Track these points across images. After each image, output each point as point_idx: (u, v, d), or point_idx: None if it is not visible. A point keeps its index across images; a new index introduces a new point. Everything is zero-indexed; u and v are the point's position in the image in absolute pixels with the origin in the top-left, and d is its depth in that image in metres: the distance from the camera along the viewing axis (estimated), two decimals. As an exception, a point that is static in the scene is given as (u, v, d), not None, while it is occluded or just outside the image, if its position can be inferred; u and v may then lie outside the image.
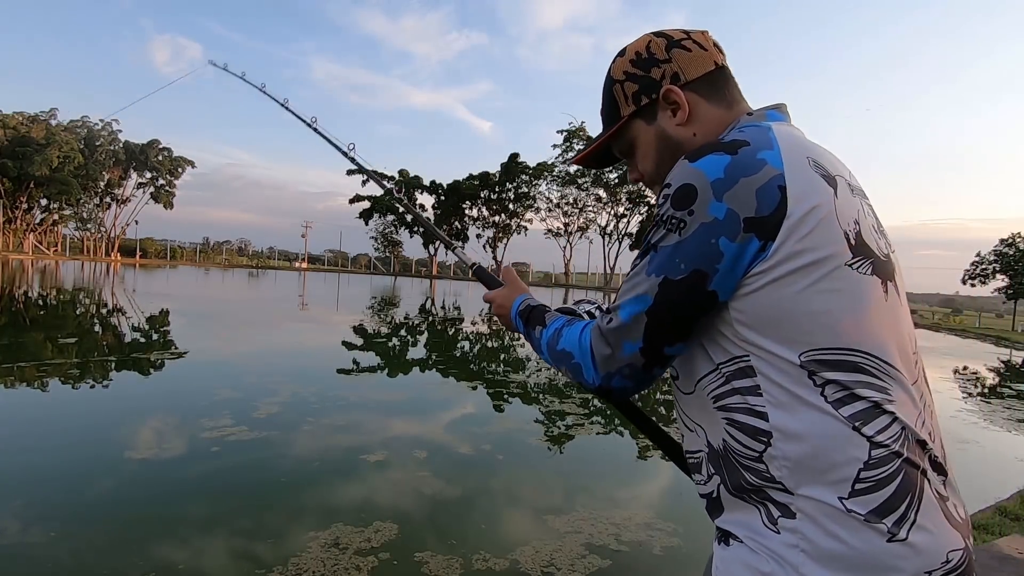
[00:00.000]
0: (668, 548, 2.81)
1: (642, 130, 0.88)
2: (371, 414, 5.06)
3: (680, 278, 0.69)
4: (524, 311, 0.99)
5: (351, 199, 54.13)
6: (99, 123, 51.85)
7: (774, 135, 0.74)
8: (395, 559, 2.51)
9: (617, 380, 0.75)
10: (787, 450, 0.67)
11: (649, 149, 0.89)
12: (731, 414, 0.72)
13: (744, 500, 0.73)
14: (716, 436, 0.75)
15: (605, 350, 0.74)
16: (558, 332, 0.85)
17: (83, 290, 17.81)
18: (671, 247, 0.70)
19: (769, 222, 0.67)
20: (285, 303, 18.15)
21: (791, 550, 0.66)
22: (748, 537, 0.72)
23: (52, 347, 7.26)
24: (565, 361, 0.82)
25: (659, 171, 0.88)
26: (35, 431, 4.07)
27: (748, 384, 0.70)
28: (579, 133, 44.35)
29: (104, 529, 2.69)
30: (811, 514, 0.66)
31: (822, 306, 0.67)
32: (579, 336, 0.79)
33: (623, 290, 0.76)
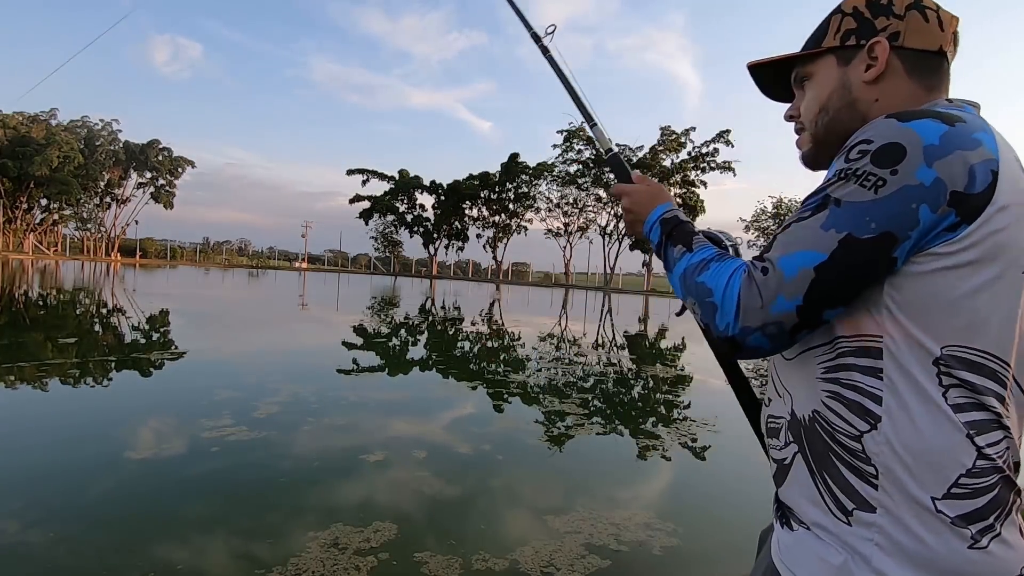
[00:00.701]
0: (668, 548, 2.81)
1: (829, 69, 0.84)
2: (371, 414, 5.06)
3: (867, 237, 0.65)
4: (670, 220, 0.88)
5: (351, 199, 54.16)
6: (99, 123, 51.93)
7: (986, 123, 0.71)
8: (394, 559, 2.51)
9: (756, 337, 0.69)
10: (893, 439, 0.66)
11: (823, 91, 0.84)
12: (837, 388, 0.70)
13: (816, 478, 0.71)
14: (806, 406, 0.73)
15: (755, 301, 0.68)
16: (705, 263, 0.77)
17: (83, 290, 17.81)
18: (863, 204, 0.65)
19: (974, 202, 0.64)
20: (285, 303, 18.15)
21: (864, 543, 0.66)
22: (814, 524, 0.71)
23: (52, 347, 7.26)
24: (699, 295, 0.75)
25: (820, 119, 0.85)
26: (35, 431, 4.07)
27: (868, 364, 0.68)
28: (579, 133, 44.32)
29: (103, 529, 2.69)
30: (894, 510, 0.65)
31: (986, 306, 0.65)
32: (728, 277, 0.72)
33: (784, 240, 0.69)
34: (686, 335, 13.29)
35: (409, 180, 53.70)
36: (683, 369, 9.27)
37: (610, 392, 6.93)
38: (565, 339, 12.18)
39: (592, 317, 19.95)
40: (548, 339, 11.92)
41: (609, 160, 1.14)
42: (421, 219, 54.91)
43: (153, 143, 53.73)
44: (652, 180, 1.00)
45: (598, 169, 44.41)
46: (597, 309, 24.25)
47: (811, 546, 0.71)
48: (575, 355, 9.77)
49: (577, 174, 45.43)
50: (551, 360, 8.92)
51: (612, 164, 1.12)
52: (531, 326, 14.54)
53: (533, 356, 9.11)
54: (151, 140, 53.76)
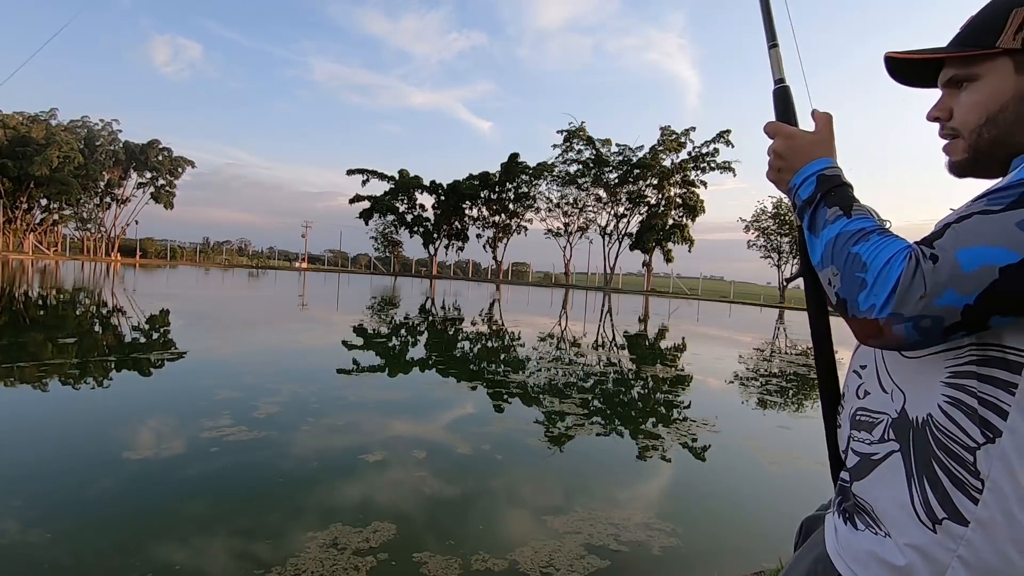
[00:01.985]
0: (667, 548, 2.81)
1: (1003, 74, 0.73)
2: (371, 414, 5.06)
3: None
4: (832, 178, 0.78)
5: (351, 199, 54.08)
6: (99, 123, 51.86)
7: None
8: (394, 559, 2.51)
9: (904, 327, 0.63)
10: (1012, 455, 0.63)
11: (993, 101, 0.74)
12: (962, 395, 0.66)
13: (916, 483, 0.68)
14: (920, 408, 0.70)
15: (918, 289, 0.62)
16: (865, 233, 0.69)
17: (83, 290, 17.81)
18: None
19: None
20: (285, 303, 18.15)
21: (946, 552, 0.64)
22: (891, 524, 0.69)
23: (52, 347, 7.26)
24: (848, 267, 0.68)
25: (985, 130, 0.75)
26: (35, 431, 4.07)
27: (1002, 376, 0.64)
28: (579, 133, 44.32)
29: (103, 529, 2.69)
30: (990, 526, 0.63)
31: None
32: (891, 256, 0.65)
33: (964, 230, 0.63)
34: (686, 335, 13.28)
35: (409, 180, 53.67)
36: (683, 369, 9.27)
37: (610, 392, 6.93)
38: (565, 339, 12.18)
39: (592, 317, 19.94)
40: (548, 339, 11.91)
41: (775, 92, 0.97)
42: (421, 219, 54.89)
43: (153, 143, 53.69)
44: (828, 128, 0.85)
45: (598, 169, 44.39)
46: (597, 309, 24.25)
47: (875, 548, 0.70)
48: (575, 355, 9.77)
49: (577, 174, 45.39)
50: (551, 360, 8.91)
51: (776, 97, 0.96)
52: (531, 326, 14.54)
53: (533, 356, 9.11)
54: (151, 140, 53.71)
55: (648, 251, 44.03)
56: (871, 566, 0.70)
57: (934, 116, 0.82)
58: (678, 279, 49.33)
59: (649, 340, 13.79)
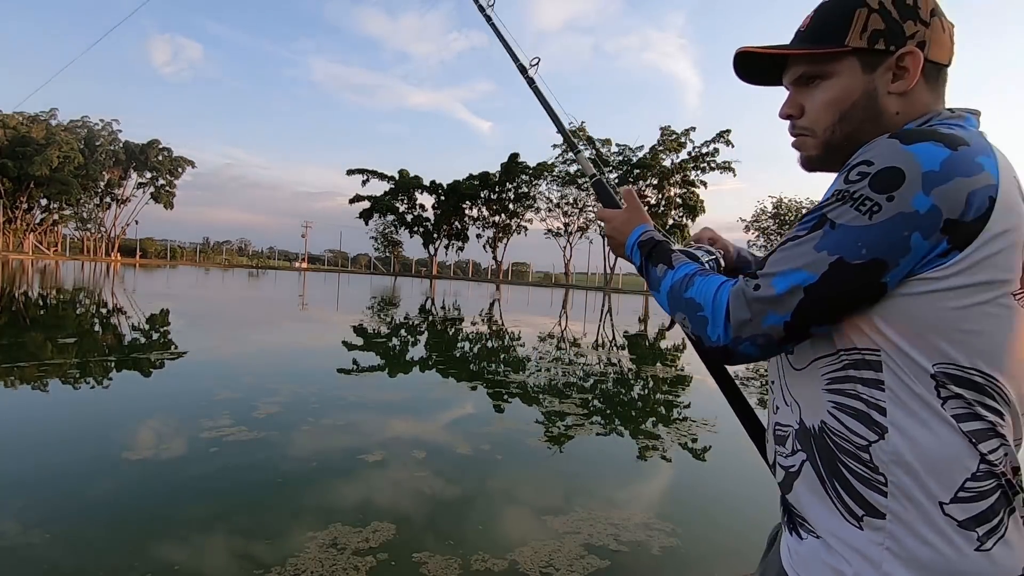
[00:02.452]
0: (667, 548, 2.81)
1: (852, 74, 0.76)
2: (370, 414, 5.06)
3: (857, 263, 0.66)
4: (647, 242, 0.92)
5: (351, 199, 54.14)
6: (99, 123, 51.94)
7: (990, 143, 0.70)
8: (393, 559, 2.51)
9: (747, 345, 0.72)
10: (901, 448, 0.67)
11: (844, 99, 0.77)
12: (842, 399, 0.71)
13: (827, 486, 0.72)
14: (813, 416, 0.75)
15: (744, 315, 0.71)
16: (688, 278, 0.80)
17: (83, 290, 17.81)
18: (856, 229, 0.66)
19: (967, 230, 0.64)
20: (285, 303, 18.15)
21: (875, 547, 0.68)
22: (825, 530, 0.73)
23: (52, 347, 7.26)
24: (689, 310, 0.78)
25: (838, 128, 0.79)
26: (34, 431, 4.07)
27: (871, 376, 0.70)
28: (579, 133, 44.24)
29: (103, 529, 2.69)
30: (902, 515, 0.67)
31: (976, 327, 0.66)
32: (715, 291, 0.75)
33: (778, 258, 0.71)
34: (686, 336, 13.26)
35: (409, 180, 53.69)
36: (683, 369, 9.27)
37: (610, 392, 6.93)
38: (565, 339, 12.18)
39: (592, 317, 19.94)
40: (548, 339, 11.91)
41: (593, 185, 1.16)
42: (421, 219, 54.91)
43: (153, 143, 53.72)
44: (636, 201, 1.02)
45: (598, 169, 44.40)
46: (597, 309, 24.25)
47: (823, 556, 0.72)
48: (575, 355, 9.77)
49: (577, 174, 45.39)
50: (551, 360, 8.91)
51: (596, 189, 1.14)
52: (531, 326, 14.54)
53: (533, 356, 9.11)
54: (151, 140, 53.78)
55: (648, 251, 43.99)
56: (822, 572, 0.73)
57: (787, 114, 0.84)
58: (678, 279, 49.22)
59: (649, 340, 13.79)
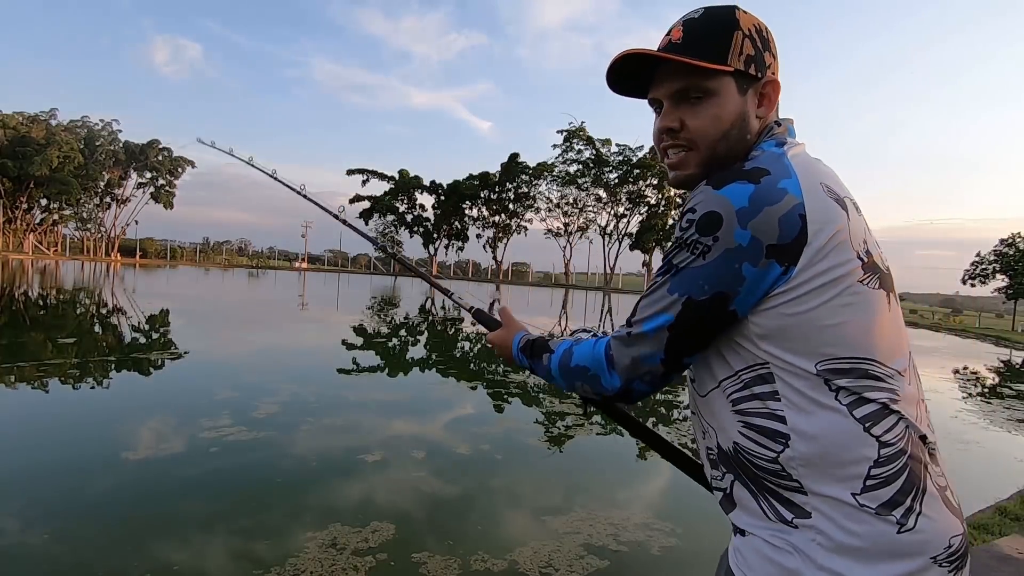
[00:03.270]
0: (666, 548, 2.81)
1: (731, 93, 0.80)
2: (370, 414, 5.06)
3: (703, 299, 0.73)
4: (525, 346, 1.03)
5: (351, 199, 54.16)
6: (99, 123, 51.93)
7: (789, 162, 0.75)
8: (392, 559, 2.51)
9: (637, 384, 0.81)
10: (803, 450, 0.71)
11: (726, 116, 0.80)
12: (748, 417, 0.76)
13: (758, 499, 0.76)
14: (727, 439, 0.79)
15: (625, 360, 0.80)
16: (568, 352, 0.90)
17: (83, 290, 17.81)
18: (695, 269, 0.73)
19: (790, 249, 0.70)
20: (285, 303, 18.15)
21: (809, 544, 0.71)
22: (767, 535, 0.76)
23: (52, 347, 7.26)
24: (580, 376, 0.87)
25: (719, 146, 0.81)
26: (35, 431, 4.07)
27: (767, 389, 0.74)
28: (579, 133, 44.32)
29: (103, 528, 2.69)
30: (825, 511, 0.70)
31: (836, 320, 0.71)
32: (592, 349, 0.84)
33: (643, 306, 0.80)
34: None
35: (409, 180, 53.69)
36: (683, 369, 9.26)
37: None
38: (565, 339, 12.16)
39: (592, 317, 19.94)
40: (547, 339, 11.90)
41: (475, 316, 1.28)
42: (421, 219, 54.93)
43: (153, 143, 53.71)
44: (509, 314, 1.17)
45: (598, 169, 44.39)
46: (597, 309, 24.24)
47: (762, 548, 0.75)
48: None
49: (577, 174, 45.43)
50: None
51: (478, 319, 1.26)
52: (531, 326, 14.49)
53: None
54: (151, 140, 53.77)
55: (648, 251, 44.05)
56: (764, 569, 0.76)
57: (667, 127, 0.83)
58: (678, 279, 49.24)
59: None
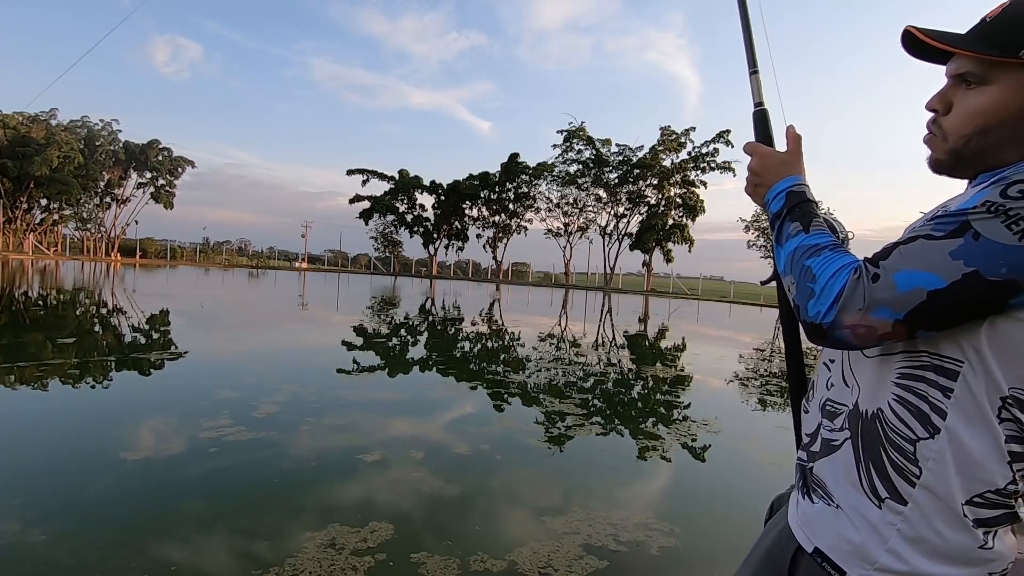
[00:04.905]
0: (665, 548, 2.81)
1: (1011, 87, 0.72)
2: (370, 414, 5.06)
3: (993, 280, 0.64)
4: (797, 194, 0.85)
5: (351, 199, 54.07)
6: (99, 123, 51.84)
7: None
8: (391, 560, 2.51)
9: (844, 332, 0.71)
10: (947, 449, 0.71)
11: (995, 111, 0.73)
12: (907, 395, 0.74)
13: (859, 467, 0.77)
14: (872, 402, 0.77)
15: (857, 302, 0.69)
16: (818, 248, 0.77)
17: (83, 290, 17.81)
18: (1002, 246, 0.63)
19: None
20: (285, 303, 18.15)
21: (887, 527, 0.73)
22: (844, 501, 0.77)
23: (52, 347, 7.25)
24: (801, 276, 0.76)
25: (976, 139, 0.75)
26: (34, 431, 4.07)
27: (943, 383, 0.71)
28: (579, 133, 44.31)
29: (102, 528, 2.69)
30: (924, 506, 0.72)
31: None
32: (837, 269, 0.72)
33: (906, 253, 0.69)
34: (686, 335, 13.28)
35: (409, 180, 53.66)
36: (683, 369, 9.27)
37: (610, 392, 6.93)
38: (565, 339, 12.17)
39: (592, 317, 19.94)
40: (548, 339, 11.91)
41: (754, 115, 1.05)
42: (421, 219, 54.89)
43: (153, 143, 53.65)
44: (799, 147, 0.92)
45: (598, 169, 44.38)
46: (597, 309, 24.24)
47: (832, 521, 0.78)
48: (575, 355, 9.76)
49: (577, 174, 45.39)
50: (551, 360, 8.91)
51: (755, 119, 1.04)
52: (531, 326, 14.53)
53: (533, 356, 9.10)
54: (151, 140, 53.66)
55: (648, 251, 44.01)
56: (829, 537, 0.79)
57: (932, 107, 0.81)
58: (678, 279, 49.30)
59: (649, 340, 13.78)
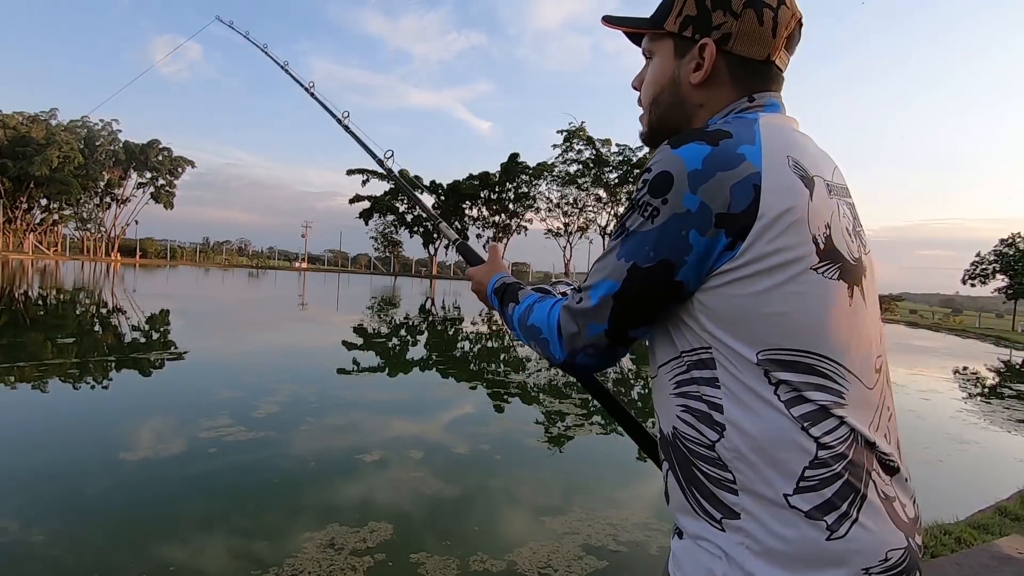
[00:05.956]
0: (664, 548, 2.80)
1: (666, 56, 0.80)
2: (370, 414, 5.05)
3: (648, 266, 0.69)
4: (499, 288, 0.97)
5: (351, 199, 54.19)
6: (99, 123, 51.88)
7: (759, 129, 0.71)
8: (391, 560, 2.51)
9: (581, 357, 0.76)
10: (739, 443, 0.67)
11: (658, 81, 0.82)
12: (687, 401, 0.72)
13: (690, 493, 0.73)
14: (668, 423, 0.75)
15: (572, 328, 0.75)
16: (529, 308, 0.85)
17: (83, 290, 17.80)
18: (643, 234, 0.69)
19: (739, 221, 0.66)
20: (285, 303, 18.14)
21: (737, 547, 0.67)
22: (696, 535, 0.72)
23: (52, 347, 7.25)
24: (534, 336, 0.82)
25: (653, 110, 0.84)
26: (34, 431, 4.07)
27: (707, 375, 0.70)
28: (579, 133, 44.31)
29: (102, 528, 2.69)
30: (755, 513, 0.66)
31: (782, 308, 0.66)
32: (548, 313, 0.80)
33: (594, 270, 0.75)
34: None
35: (409, 180, 53.68)
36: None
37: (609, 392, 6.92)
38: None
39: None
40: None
41: (458, 249, 1.22)
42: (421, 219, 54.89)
43: (153, 143, 53.69)
44: (497, 254, 1.08)
45: (598, 169, 44.39)
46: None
47: (699, 556, 0.72)
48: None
49: (577, 174, 45.43)
50: (550, 360, 8.91)
51: (461, 252, 1.21)
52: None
53: (533, 356, 9.10)
54: (151, 140, 53.73)
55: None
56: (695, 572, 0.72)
57: (634, 86, 0.88)
58: (678, 279, 49.25)
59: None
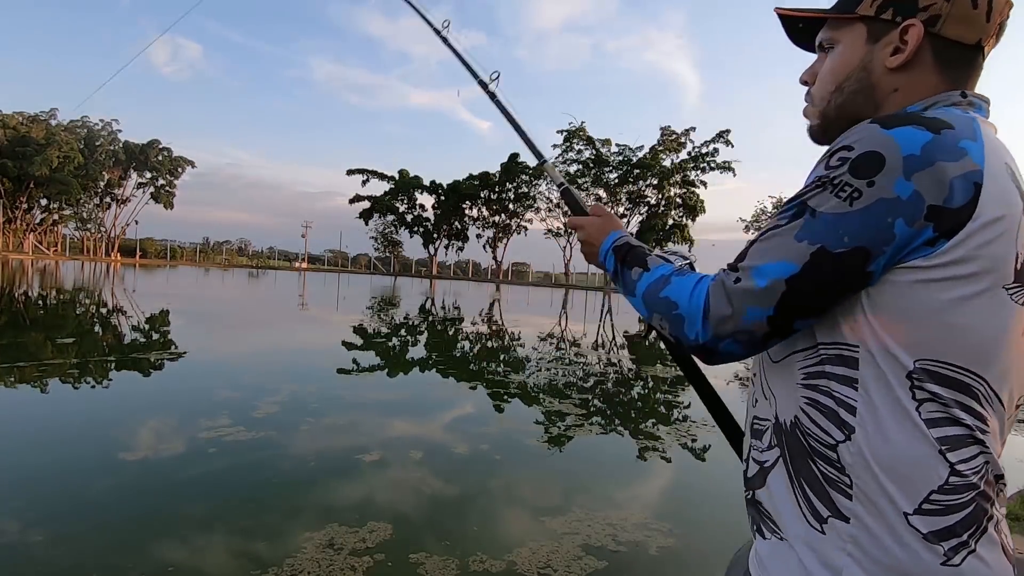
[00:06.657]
0: (664, 548, 2.81)
1: (856, 42, 0.75)
2: (369, 414, 5.06)
3: (840, 252, 0.63)
4: (622, 247, 0.89)
5: (351, 199, 54.17)
6: (99, 123, 51.91)
7: (979, 127, 0.66)
8: (390, 560, 2.51)
9: (728, 343, 0.69)
10: (865, 451, 0.64)
11: (842, 68, 0.77)
12: (815, 395, 0.68)
13: (798, 486, 0.69)
14: (788, 411, 0.72)
15: (725, 310, 0.68)
16: (664, 279, 0.77)
17: (83, 290, 17.81)
18: (837, 216, 0.63)
19: (953, 217, 0.61)
20: (285, 303, 18.15)
21: (837, 552, 0.65)
22: (788, 530, 0.70)
23: (51, 347, 7.25)
24: (665, 310, 0.75)
25: (833, 98, 0.78)
26: (34, 431, 4.07)
27: (844, 373, 0.66)
28: (579, 133, 44.34)
29: (101, 529, 2.68)
30: (866, 521, 0.63)
31: (965, 321, 0.62)
32: (692, 288, 0.72)
33: (758, 249, 0.69)
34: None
35: (409, 180, 53.68)
36: (682, 369, 9.25)
37: (610, 392, 6.93)
38: (565, 339, 12.18)
39: (592, 317, 19.94)
40: (548, 339, 11.91)
41: (562, 194, 1.16)
42: (421, 219, 54.92)
43: (153, 143, 53.70)
44: (606, 210, 1.02)
45: (598, 169, 44.41)
46: (597, 309, 24.24)
47: (786, 557, 0.69)
48: (575, 355, 9.77)
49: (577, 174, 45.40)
50: (551, 360, 8.91)
51: (565, 198, 1.14)
52: (531, 326, 14.53)
53: (533, 356, 9.10)
54: (151, 140, 53.75)
55: (648, 251, 44.00)
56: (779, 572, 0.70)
57: (803, 80, 0.84)
58: (678, 279, 49.22)
59: (649, 340, 13.78)
